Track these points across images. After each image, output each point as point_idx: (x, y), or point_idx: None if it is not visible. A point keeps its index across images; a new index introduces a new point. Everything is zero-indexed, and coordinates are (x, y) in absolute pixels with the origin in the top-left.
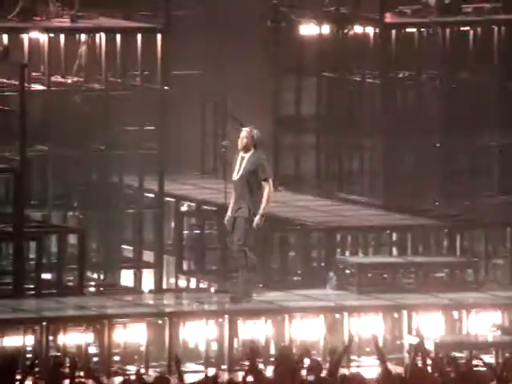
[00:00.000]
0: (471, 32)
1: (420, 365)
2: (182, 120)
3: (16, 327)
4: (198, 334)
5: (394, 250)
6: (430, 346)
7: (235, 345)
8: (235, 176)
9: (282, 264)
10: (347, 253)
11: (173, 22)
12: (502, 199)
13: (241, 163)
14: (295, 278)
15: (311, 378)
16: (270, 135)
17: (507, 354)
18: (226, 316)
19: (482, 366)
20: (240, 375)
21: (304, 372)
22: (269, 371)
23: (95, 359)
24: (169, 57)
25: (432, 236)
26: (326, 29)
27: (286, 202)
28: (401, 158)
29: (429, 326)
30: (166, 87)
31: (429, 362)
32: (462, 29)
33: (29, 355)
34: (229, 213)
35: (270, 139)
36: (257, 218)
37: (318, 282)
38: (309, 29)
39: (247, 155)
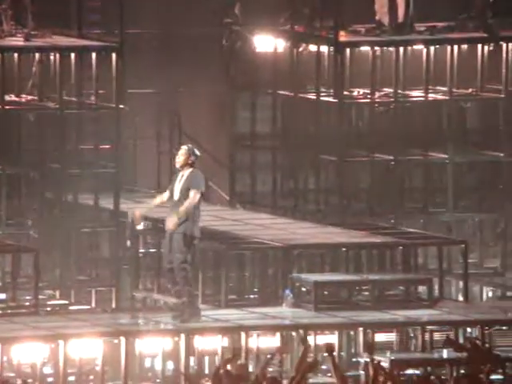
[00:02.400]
0: (424, 51)
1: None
2: (138, 138)
3: None
4: (154, 352)
5: (350, 268)
6: (385, 363)
7: (191, 363)
8: (174, 193)
9: (238, 282)
10: (303, 271)
11: (127, 40)
12: (455, 216)
13: (180, 181)
14: (251, 296)
15: None
16: (226, 153)
17: (462, 371)
18: (183, 335)
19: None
20: None
21: None
22: None
23: (50, 379)
24: (124, 75)
25: (387, 253)
26: (280, 47)
27: (242, 219)
28: (356, 175)
29: (384, 344)
30: (121, 106)
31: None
32: (415, 47)
33: None
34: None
35: (225, 157)
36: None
37: (274, 299)
38: (264, 47)
39: (186, 173)
